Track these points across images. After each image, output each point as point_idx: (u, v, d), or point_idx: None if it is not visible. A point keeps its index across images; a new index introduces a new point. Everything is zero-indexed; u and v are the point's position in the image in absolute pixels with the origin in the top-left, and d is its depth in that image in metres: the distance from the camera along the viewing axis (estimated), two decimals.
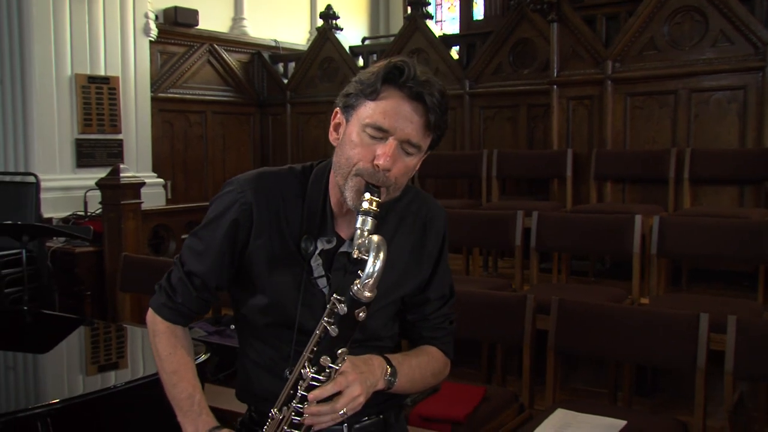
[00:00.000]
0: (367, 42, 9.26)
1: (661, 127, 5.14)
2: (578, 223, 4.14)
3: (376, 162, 1.37)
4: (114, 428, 2.26)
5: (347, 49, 7.48)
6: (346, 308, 1.29)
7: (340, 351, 1.32)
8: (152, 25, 6.54)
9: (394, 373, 1.47)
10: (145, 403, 2.25)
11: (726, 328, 2.62)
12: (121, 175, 4.74)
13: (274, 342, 1.53)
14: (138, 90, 6.48)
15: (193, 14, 7.20)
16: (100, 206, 4.96)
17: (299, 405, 1.34)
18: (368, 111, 1.38)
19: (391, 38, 7.81)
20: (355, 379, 1.35)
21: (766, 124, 4.71)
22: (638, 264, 3.84)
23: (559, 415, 2.58)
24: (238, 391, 1.64)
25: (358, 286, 1.29)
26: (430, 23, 6.87)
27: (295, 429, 1.35)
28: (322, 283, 1.50)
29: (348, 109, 1.43)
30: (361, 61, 7.57)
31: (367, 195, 1.36)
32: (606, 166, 5.19)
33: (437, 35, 6.89)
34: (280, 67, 8.07)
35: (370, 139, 1.38)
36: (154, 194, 6.25)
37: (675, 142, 5.06)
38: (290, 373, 1.40)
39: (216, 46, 7.45)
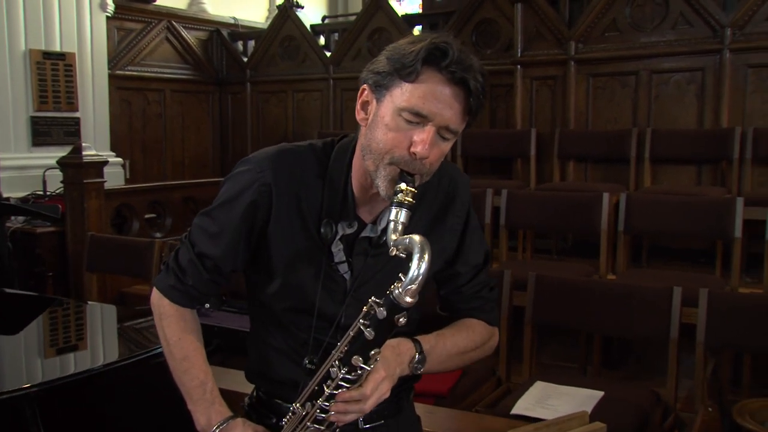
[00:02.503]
0: (327, 21, 9.19)
1: (623, 107, 5.25)
2: (547, 202, 4.22)
3: (413, 150, 1.28)
4: (103, 410, 2.20)
5: (308, 27, 7.42)
6: (385, 312, 1.22)
7: (373, 352, 1.26)
8: (109, 0, 6.38)
9: (422, 360, 1.40)
10: (133, 383, 2.23)
11: (695, 301, 2.73)
12: (84, 153, 4.64)
13: (291, 327, 1.47)
14: (95, 67, 6.33)
15: None
16: (61, 185, 4.85)
17: (326, 403, 1.29)
18: (405, 94, 1.27)
19: (351, 17, 7.78)
20: (385, 377, 1.30)
21: (723, 105, 4.85)
22: (605, 241, 3.94)
23: (539, 387, 2.65)
24: (249, 373, 1.58)
25: (400, 290, 1.21)
26: (392, 2, 6.86)
27: (318, 424, 1.32)
28: (343, 268, 1.43)
29: (380, 88, 1.31)
30: (322, 40, 7.52)
31: (402, 185, 1.27)
32: (569, 146, 5.29)
33: (399, 15, 6.89)
34: (240, 45, 7.97)
35: (406, 124, 1.28)
36: (113, 173, 6.11)
37: (636, 123, 5.17)
38: (309, 363, 1.37)
39: (174, 23, 7.31)
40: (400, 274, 1.22)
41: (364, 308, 1.25)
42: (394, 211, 1.26)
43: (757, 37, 4.71)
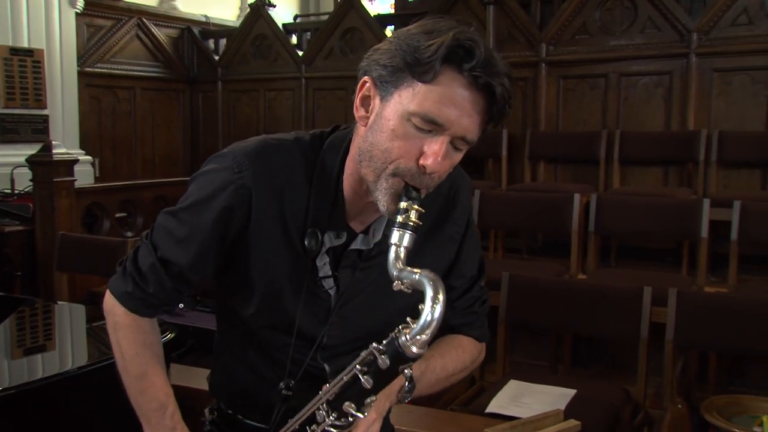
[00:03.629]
0: (299, 20, 9.17)
1: (592, 109, 5.34)
2: (519, 202, 4.27)
3: (422, 162, 1.10)
4: (72, 413, 2.14)
5: (280, 26, 7.40)
6: (388, 362, 1.08)
7: (369, 400, 1.12)
8: None
9: (411, 389, 1.25)
10: (103, 386, 2.19)
11: (664, 301, 2.79)
12: (54, 151, 4.59)
13: (266, 345, 1.32)
14: (64, 64, 6.23)
15: None
16: (30, 184, 4.79)
17: None
18: (418, 96, 1.08)
19: (323, 16, 7.77)
20: (376, 419, 1.19)
21: (689, 108, 4.95)
22: (576, 240, 4.00)
23: (513, 385, 2.69)
24: (213, 386, 1.44)
25: (407, 337, 1.06)
26: (364, 2, 6.87)
27: None
28: (329, 284, 1.27)
29: (386, 84, 1.12)
30: (294, 39, 7.51)
31: (404, 202, 1.11)
32: (540, 147, 5.36)
33: (372, 15, 6.90)
34: (211, 43, 7.91)
35: (416, 131, 1.10)
36: (82, 172, 6.02)
37: (605, 124, 5.26)
38: (286, 389, 1.27)
39: (145, 21, 7.23)
40: (408, 319, 1.07)
41: (362, 353, 1.11)
42: (396, 233, 1.10)
43: (722, 42, 4.82)
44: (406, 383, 1.23)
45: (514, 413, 2.37)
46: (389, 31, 6.85)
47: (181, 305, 3.27)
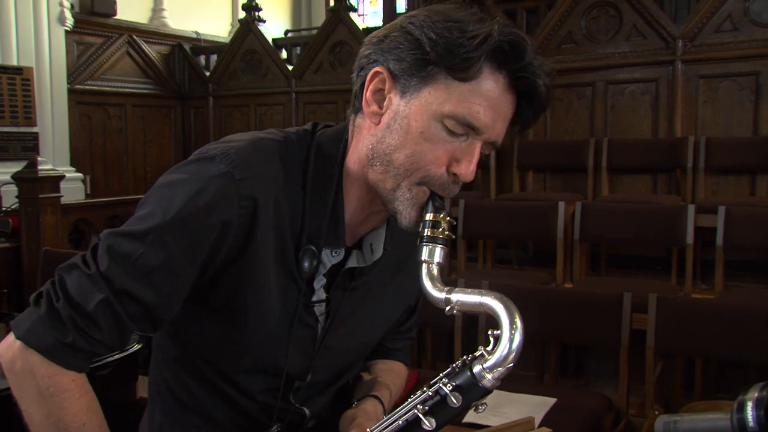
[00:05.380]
0: (290, 35, 9.20)
1: (580, 118, 5.32)
2: (503, 211, 4.26)
3: (455, 170, 0.98)
4: None
5: (270, 41, 7.42)
6: (461, 399, 0.93)
7: None
8: (68, 14, 6.33)
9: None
10: None
11: (646, 307, 2.76)
12: (39, 168, 4.58)
13: (236, 394, 1.10)
14: (54, 81, 6.26)
15: (110, 4, 6.99)
16: (16, 201, 4.78)
17: None
18: (454, 95, 0.95)
19: (314, 31, 7.78)
20: None
21: (676, 115, 4.94)
22: (562, 249, 3.98)
23: (492, 395, 2.64)
24: None
25: (483, 367, 0.93)
26: (353, 16, 6.89)
27: None
28: (320, 309, 1.10)
29: (409, 78, 0.98)
30: (284, 54, 7.53)
31: (430, 214, 0.98)
32: (528, 156, 5.35)
33: (361, 28, 6.92)
34: (202, 59, 7.94)
35: (449, 134, 0.97)
36: (72, 189, 6.05)
37: (593, 133, 5.25)
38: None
39: (135, 38, 7.26)
40: (481, 348, 0.94)
41: (425, 389, 0.96)
42: (425, 249, 0.97)
43: (707, 49, 4.81)
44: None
45: (491, 423, 2.34)
46: None
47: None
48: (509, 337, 0.91)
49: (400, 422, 0.96)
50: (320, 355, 1.11)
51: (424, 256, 0.96)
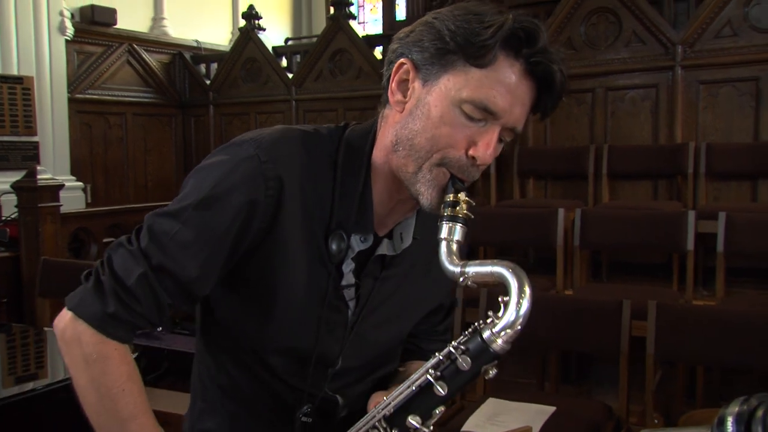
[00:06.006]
0: (290, 42, 9.22)
1: (580, 124, 5.31)
2: (504, 218, 4.24)
3: (473, 153, 1.02)
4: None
5: (270, 49, 7.43)
6: (470, 362, 0.98)
7: (438, 411, 1.03)
8: (68, 24, 6.34)
9: None
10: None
11: (646, 314, 2.74)
12: (39, 177, 4.59)
13: (271, 377, 1.16)
14: (54, 91, 6.27)
15: (111, 13, 7.00)
16: (16, 210, 4.78)
17: None
18: (471, 82, 1.00)
19: (314, 39, 7.79)
20: None
21: (676, 121, 4.93)
22: (562, 255, 3.96)
23: (490, 404, 2.64)
24: (194, 429, 1.25)
25: (493, 331, 0.98)
26: (353, 23, 6.89)
27: None
28: (349, 294, 1.14)
29: (430, 67, 1.03)
30: (284, 62, 7.54)
31: (452, 195, 1.03)
32: (528, 163, 5.33)
33: (360, 36, 6.92)
34: (202, 67, 7.95)
35: (467, 119, 1.02)
36: (73, 198, 6.06)
37: (593, 139, 5.23)
38: (305, 416, 1.16)
39: (135, 47, 7.27)
40: (490, 313, 0.98)
41: (437, 355, 1.01)
42: (445, 227, 1.02)
43: (707, 54, 4.80)
44: None
45: (488, 431, 2.32)
46: (378, 52, 6.86)
47: (159, 327, 3.23)
48: (517, 302, 0.96)
49: (413, 388, 1.01)
50: (350, 342, 1.15)
51: (444, 233, 1.01)
